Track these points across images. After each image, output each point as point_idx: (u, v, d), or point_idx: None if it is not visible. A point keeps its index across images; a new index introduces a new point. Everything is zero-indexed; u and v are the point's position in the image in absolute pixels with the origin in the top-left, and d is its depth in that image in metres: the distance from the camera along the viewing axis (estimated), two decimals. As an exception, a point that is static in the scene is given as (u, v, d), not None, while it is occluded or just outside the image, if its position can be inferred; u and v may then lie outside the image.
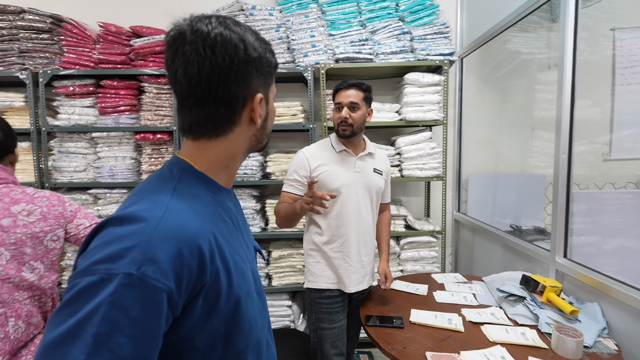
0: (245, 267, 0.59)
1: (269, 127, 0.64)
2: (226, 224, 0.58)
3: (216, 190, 0.59)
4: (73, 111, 2.16)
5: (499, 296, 1.38)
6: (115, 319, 0.39)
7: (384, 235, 1.59)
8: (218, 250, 0.51)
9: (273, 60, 0.59)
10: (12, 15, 2.16)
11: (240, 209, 0.71)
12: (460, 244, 2.52)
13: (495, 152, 2.34)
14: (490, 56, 2.30)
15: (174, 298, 0.44)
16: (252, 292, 0.59)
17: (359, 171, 1.44)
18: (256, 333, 0.60)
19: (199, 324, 0.50)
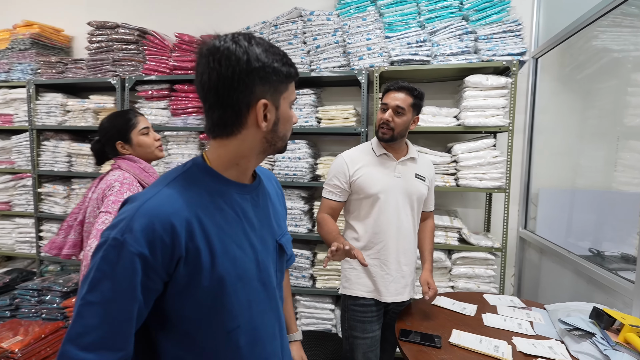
0: (240, 253, 0.66)
1: (282, 131, 0.69)
2: (223, 213, 0.65)
3: (222, 183, 0.67)
4: (150, 112, 2.43)
5: (561, 328, 1.19)
6: (104, 270, 0.56)
7: (426, 244, 1.50)
8: (201, 232, 0.61)
9: (284, 69, 0.64)
10: (109, 30, 2.52)
11: (264, 204, 0.76)
12: (525, 265, 2.26)
13: (573, 164, 2.05)
14: (571, 55, 2.02)
15: (149, 262, 0.57)
16: (248, 278, 0.67)
17: (399, 176, 1.38)
18: (250, 318, 0.67)
19: (184, 294, 0.61)
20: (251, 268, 0.67)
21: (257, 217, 0.72)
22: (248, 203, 0.71)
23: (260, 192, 0.76)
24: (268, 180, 0.84)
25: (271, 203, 0.79)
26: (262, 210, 0.75)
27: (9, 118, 2.74)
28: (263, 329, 0.70)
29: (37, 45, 2.72)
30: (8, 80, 2.74)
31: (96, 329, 0.55)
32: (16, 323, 2.32)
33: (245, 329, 0.67)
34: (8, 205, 2.79)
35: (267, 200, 0.77)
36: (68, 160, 2.64)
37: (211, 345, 0.65)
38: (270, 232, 0.75)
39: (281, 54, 0.65)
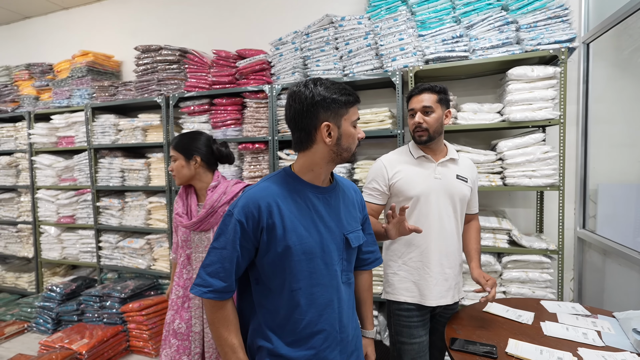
0: (306, 234, 0.89)
1: (345, 144, 0.92)
2: (297, 204, 0.91)
3: (299, 183, 0.94)
4: (193, 126, 2.56)
5: (636, 339, 1.07)
6: (222, 229, 0.90)
7: (472, 243, 1.43)
8: (278, 213, 0.88)
9: (342, 98, 0.88)
10: (153, 52, 2.70)
11: (336, 204, 0.98)
12: (586, 269, 2.07)
13: (638, 156, 1.86)
14: (630, 36, 1.84)
15: (244, 227, 0.87)
16: (311, 254, 0.90)
17: (439, 177, 1.34)
18: (310, 285, 0.90)
19: (265, 257, 0.90)
20: (315, 247, 0.90)
21: (327, 212, 0.94)
22: (319, 200, 0.94)
23: (334, 195, 0.98)
24: (347, 189, 1.06)
25: (344, 205, 1.00)
26: (333, 209, 0.96)
27: (71, 139, 3.02)
28: (320, 296, 0.91)
29: (92, 72, 2.98)
30: (69, 106, 3.02)
31: (214, 264, 0.89)
32: (82, 327, 2.53)
33: (305, 292, 0.89)
34: (72, 219, 3.06)
35: (339, 202, 0.99)
36: (121, 175, 2.85)
37: (280, 298, 0.90)
38: (339, 226, 0.96)
39: (341, 87, 0.89)
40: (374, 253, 1.14)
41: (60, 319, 2.77)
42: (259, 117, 2.40)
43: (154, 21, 3.07)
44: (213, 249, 0.90)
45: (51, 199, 3.10)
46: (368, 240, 1.12)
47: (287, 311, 0.90)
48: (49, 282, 3.17)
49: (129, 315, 2.46)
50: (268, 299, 0.92)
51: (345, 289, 0.98)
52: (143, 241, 2.78)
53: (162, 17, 3.04)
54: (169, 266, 2.71)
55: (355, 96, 0.91)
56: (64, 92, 3.06)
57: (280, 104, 2.33)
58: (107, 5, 3.25)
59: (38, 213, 3.17)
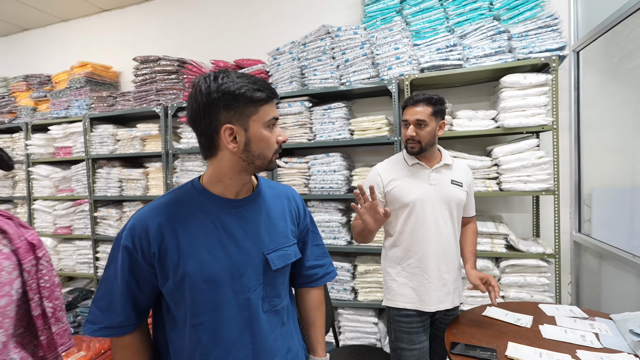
0: (209, 259, 0.75)
1: (257, 151, 0.76)
2: (199, 222, 0.77)
3: (205, 197, 0.79)
4: (191, 136, 2.58)
5: (633, 341, 1.09)
6: (111, 256, 0.77)
7: (468, 245, 1.45)
8: (172, 234, 0.75)
9: (250, 95, 0.72)
10: (152, 63, 2.73)
11: (255, 219, 0.83)
12: (583, 272, 2.09)
13: (630, 160, 1.89)
14: (618, 44, 1.90)
15: (132, 253, 0.74)
16: (216, 283, 0.75)
17: (434, 183, 1.36)
18: (214, 319, 0.76)
19: (162, 281, 0.76)
20: (221, 274, 0.76)
21: (243, 229, 0.80)
22: (232, 216, 0.80)
23: (253, 208, 0.83)
24: (278, 198, 0.90)
25: (268, 218, 0.85)
26: (251, 224, 0.81)
27: (69, 150, 3.02)
28: (228, 332, 0.77)
29: (90, 83, 3.01)
30: (68, 116, 3.03)
31: (105, 296, 0.76)
32: (79, 339, 2.49)
33: (208, 328, 0.76)
34: (69, 230, 3.05)
35: (259, 215, 0.83)
36: (119, 185, 2.85)
37: (181, 333, 0.77)
38: (257, 245, 0.81)
39: (250, 82, 0.72)
40: (323, 267, 0.99)
41: (59, 331, 2.73)
42: (257, 125, 2.42)
43: (153, 32, 3.11)
44: (104, 279, 0.77)
45: (48, 210, 3.09)
46: (314, 253, 0.98)
47: (190, 349, 0.76)
48: (45, 294, 3.13)
49: (127, 326, 2.43)
50: (175, 331, 0.79)
51: (269, 318, 0.82)
52: (141, 251, 2.77)
53: (161, 29, 3.08)
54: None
55: (269, 92, 0.75)
56: (62, 103, 3.07)
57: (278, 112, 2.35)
58: (106, 17, 3.29)
59: (35, 224, 3.15)
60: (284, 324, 0.87)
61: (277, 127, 0.80)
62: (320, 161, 2.27)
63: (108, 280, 0.76)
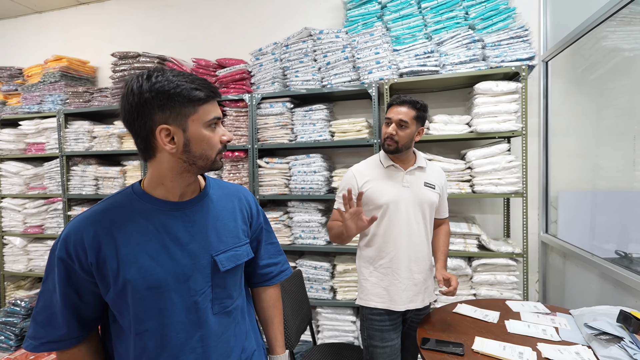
0: (152, 264, 0.73)
1: (198, 151, 0.74)
2: (139, 228, 0.74)
3: (146, 201, 0.76)
4: (171, 134, 2.54)
5: (588, 333, 1.17)
6: (48, 268, 0.74)
7: (440, 245, 1.49)
8: (110, 243, 0.72)
9: (187, 94, 0.70)
10: (131, 59, 2.68)
11: (202, 220, 0.80)
12: (549, 271, 2.20)
13: (591, 165, 2.02)
14: (582, 56, 2.02)
15: (67, 264, 0.71)
16: (160, 288, 0.73)
17: (407, 186, 1.40)
18: (160, 326, 0.74)
19: (104, 291, 0.73)
20: (165, 279, 0.74)
21: (188, 232, 0.78)
22: (176, 219, 0.77)
23: (199, 209, 0.81)
24: (228, 198, 0.88)
25: (217, 219, 0.83)
26: (198, 226, 0.79)
27: (41, 146, 2.92)
28: (175, 338, 0.75)
29: (65, 77, 2.92)
30: (40, 112, 2.93)
31: (44, 310, 0.73)
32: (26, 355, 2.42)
33: (154, 335, 0.74)
34: (41, 229, 2.94)
35: (206, 217, 0.81)
36: (95, 183, 2.77)
37: (127, 342, 0.75)
38: (205, 247, 0.79)
39: (188, 80, 0.71)
40: (277, 265, 0.99)
41: (25, 334, 2.63)
42: (239, 125, 2.42)
43: (132, 28, 3.05)
44: (42, 293, 0.74)
45: (17, 208, 2.97)
46: (269, 252, 0.98)
47: (135, 358, 0.75)
48: (12, 296, 3.02)
49: (101, 327, 2.38)
50: (120, 341, 0.77)
51: (220, 320, 0.80)
52: (117, 251, 2.71)
53: (141, 24, 3.02)
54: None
55: (209, 91, 0.73)
56: (34, 98, 2.96)
57: (260, 112, 2.37)
58: (83, 10, 3.20)
59: (2, 223, 3.03)
60: (238, 324, 0.85)
61: (220, 127, 0.77)
62: (301, 162, 2.30)
63: (46, 294, 0.73)
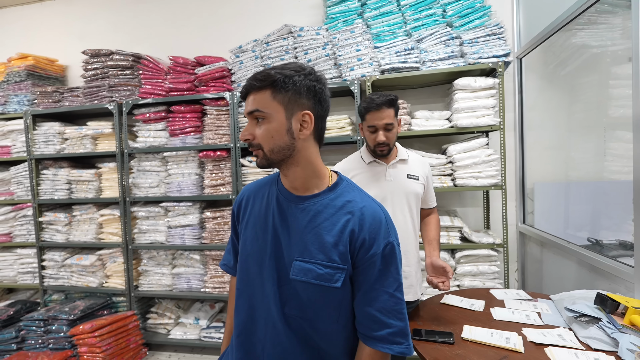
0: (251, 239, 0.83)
1: None
2: (263, 204, 0.84)
3: (276, 185, 0.85)
4: (149, 134, 2.47)
5: (568, 316, 1.22)
6: None
7: (431, 233, 1.47)
8: (248, 208, 0.87)
9: None
10: (104, 57, 2.57)
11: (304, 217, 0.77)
12: (527, 259, 2.29)
13: (564, 157, 2.11)
14: (553, 53, 2.11)
15: (234, 214, 0.92)
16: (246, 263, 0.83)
17: (390, 179, 1.40)
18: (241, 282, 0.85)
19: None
20: (251, 249, 0.82)
21: (288, 226, 0.78)
22: (282, 207, 0.81)
23: (306, 208, 0.76)
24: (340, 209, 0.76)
25: (319, 227, 0.75)
26: (296, 223, 0.76)
27: (6, 150, 2.76)
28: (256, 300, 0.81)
29: (32, 77, 2.76)
30: (4, 113, 2.76)
31: (229, 242, 0.99)
32: (23, 356, 2.29)
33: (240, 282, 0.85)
34: (9, 237, 2.78)
35: (307, 218, 0.76)
36: (68, 187, 2.65)
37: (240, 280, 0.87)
38: (290, 245, 0.76)
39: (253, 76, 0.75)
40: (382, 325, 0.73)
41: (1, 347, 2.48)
42: (220, 124, 2.38)
43: (104, 25, 2.92)
44: None
45: (-18, 216, 2.80)
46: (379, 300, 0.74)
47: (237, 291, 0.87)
48: (-20, 310, 2.83)
49: (80, 337, 2.27)
50: None
51: (288, 322, 0.75)
52: (94, 257, 2.60)
53: (112, 21, 2.91)
54: (154, 284, 2.57)
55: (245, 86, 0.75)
56: (-2, 98, 2.79)
57: (242, 110, 2.33)
58: (49, 5, 3.04)
59: (-34, 232, 2.84)
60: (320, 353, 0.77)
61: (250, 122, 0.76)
62: (285, 160, 2.28)
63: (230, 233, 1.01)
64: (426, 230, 1.52)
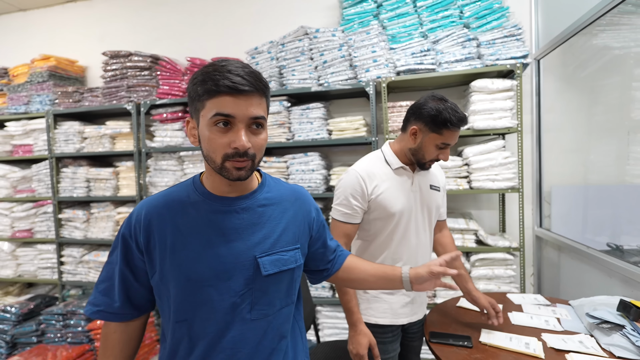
0: (194, 257, 0.72)
1: (205, 151, 0.70)
2: (189, 218, 0.74)
3: (201, 193, 0.77)
4: (165, 134, 2.51)
5: (589, 322, 1.20)
6: (115, 241, 0.78)
7: None
8: (160, 228, 0.74)
9: (200, 88, 0.66)
10: (122, 58, 2.63)
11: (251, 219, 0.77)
12: (544, 264, 2.26)
13: (583, 160, 2.07)
14: (573, 55, 2.07)
15: (128, 242, 0.75)
16: (199, 282, 0.72)
17: (416, 190, 1.25)
18: (200, 318, 0.73)
19: (151, 274, 0.76)
20: (205, 274, 0.72)
21: (235, 229, 0.74)
22: (223, 214, 0.75)
23: (248, 207, 0.77)
24: (282, 199, 0.82)
25: (267, 220, 0.78)
26: (245, 224, 0.75)
27: (29, 148, 2.84)
28: (209, 334, 0.73)
29: (54, 77, 2.84)
30: (27, 112, 2.84)
31: (106, 280, 0.78)
32: (43, 348, 2.36)
33: (191, 326, 0.74)
34: (30, 233, 2.86)
35: (255, 216, 0.77)
36: (87, 185, 2.71)
37: (169, 329, 0.76)
38: (250, 247, 0.75)
39: (203, 73, 0.66)
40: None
41: (16, 341, 2.56)
42: (235, 124, 2.40)
43: (122, 26, 2.99)
44: (107, 264, 0.79)
45: (5, 212, 2.88)
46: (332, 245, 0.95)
47: (174, 344, 0.75)
48: (1, 303, 2.92)
49: (97, 332, 2.33)
50: (164, 328, 0.79)
51: (257, 326, 0.75)
52: (111, 254, 2.65)
53: (131, 23, 2.97)
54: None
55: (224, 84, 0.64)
56: (21, 98, 2.87)
57: (256, 112, 2.35)
58: (71, 8, 3.12)
59: (-11, 227, 2.93)
60: (280, 336, 0.80)
61: (239, 129, 0.67)
62: (299, 160, 2.29)
63: (110, 265, 0.78)
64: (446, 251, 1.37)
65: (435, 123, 1.12)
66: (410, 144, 1.19)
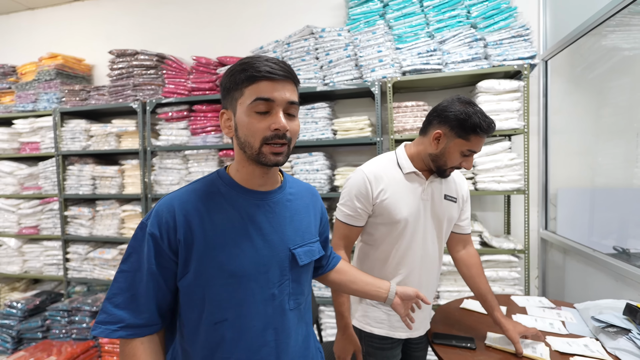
0: (236, 251, 0.71)
1: (242, 137, 0.71)
2: (225, 213, 0.73)
3: (233, 187, 0.76)
4: (171, 133, 2.52)
5: (595, 326, 1.19)
6: (134, 245, 0.71)
7: (483, 284, 1.20)
8: (199, 223, 0.70)
9: (237, 77, 0.70)
10: (129, 57, 2.64)
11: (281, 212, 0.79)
12: (549, 266, 2.24)
13: (590, 163, 2.05)
14: (581, 55, 2.05)
15: (157, 241, 0.69)
16: (242, 277, 0.71)
17: (427, 198, 1.15)
18: (238, 316, 0.71)
19: (182, 274, 0.71)
20: (248, 268, 0.72)
21: (270, 223, 0.76)
22: (258, 208, 0.76)
23: (279, 201, 0.79)
24: (302, 194, 0.87)
25: (294, 213, 0.81)
26: (278, 218, 0.78)
27: (36, 145, 2.87)
28: (252, 330, 0.72)
29: (61, 75, 2.86)
30: (35, 110, 2.87)
31: (124, 291, 0.69)
32: (48, 344, 2.38)
33: (232, 325, 0.71)
34: (36, 229, 2.89)
35: (285, 209, 0.79)
36: (92, 183, 2.73)
37: (196, 336, 0.72)
38: (284, 240, 0.77)
39: (241, 64, 0.70)
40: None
41: (22, 337, 2.59)
42: (240, 124, 2.41)
43: (129, 25, 3.00)
44: (121, 273, 0.70)
45: (12, 209, 2.91)
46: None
47: (208, 351, 0.71)
48: (7, 298, 2.96)
49: (101, 329, 2.35)
50: (185, 338, 0.74)
51: (293, 315, 0.78)
52: (116, 251, 2.67)
53: (138, 22, 2.98)
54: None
55: (259, 71, 0.67)
56: (29, 96, 2.90)
57: (261, 111, 2.35)
58: (77, 7, 3.14)
59: (-4, 224, 2.97)
60: (305, 322, 0.84)
61: (277, 113, 0.69)
62: (303, 160, 2.29)
63: (129, 274, 0.69)
64: (477, 281, 1.22)
65: (463, 128, 1.03)
66: (432, 149, 1.11)
